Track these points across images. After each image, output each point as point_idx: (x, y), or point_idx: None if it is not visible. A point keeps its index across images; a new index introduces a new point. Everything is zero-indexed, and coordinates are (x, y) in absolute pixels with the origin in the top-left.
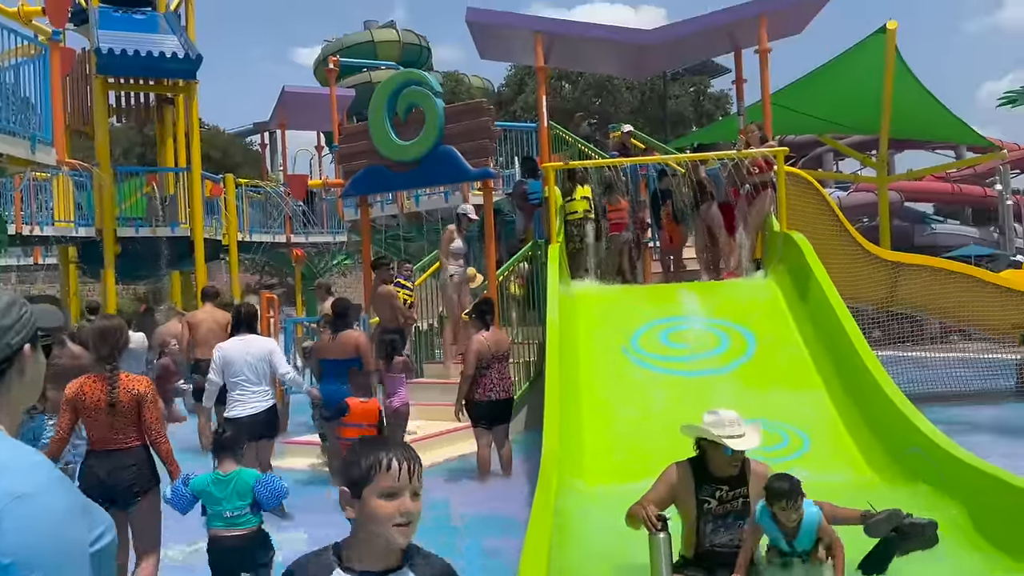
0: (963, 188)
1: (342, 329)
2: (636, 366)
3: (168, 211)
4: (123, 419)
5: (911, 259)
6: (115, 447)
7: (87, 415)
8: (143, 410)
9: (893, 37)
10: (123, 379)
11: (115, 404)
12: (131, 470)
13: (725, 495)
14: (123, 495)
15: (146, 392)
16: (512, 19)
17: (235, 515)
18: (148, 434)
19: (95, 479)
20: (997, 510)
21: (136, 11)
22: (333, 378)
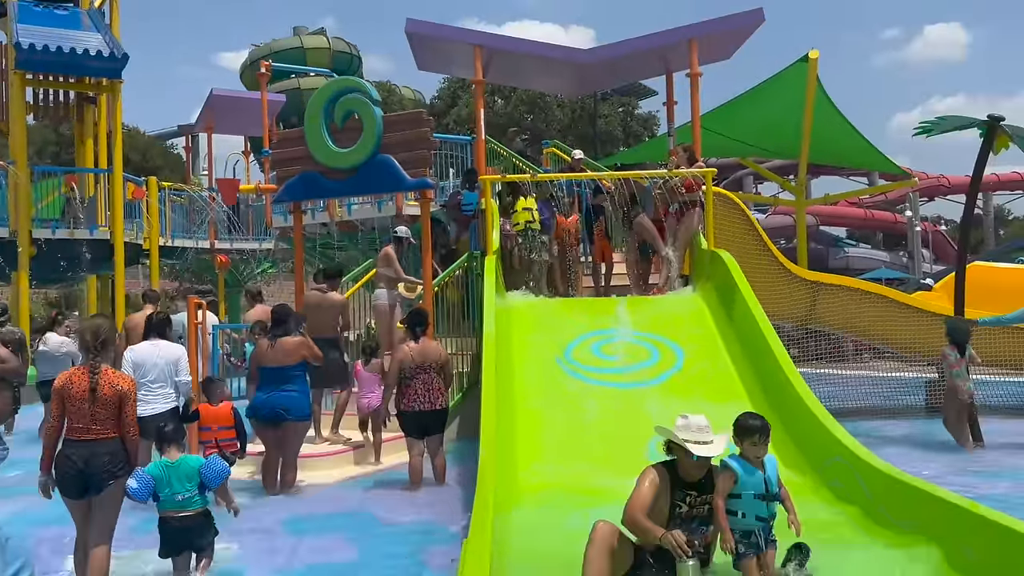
0: (875, 214)
1: (281, 336)
2: (570, 377)
3: (87, 213)
4: (104, 411)
5: (830, 279)
6: (94, 436)
7: (72, 404)
8: (124, 406)
9: (815, 66)
10: (109, 374)
11: (96, 391)
12: (106, 458)
13: (694, 500)
14: (97, 481)
15: (128, 390)
16: (452, 32)
17: (186, 498)
18: (125, 429)
19: (73, 466)
20: (907, 512)
21: (58, 6)
22: (271, 385)
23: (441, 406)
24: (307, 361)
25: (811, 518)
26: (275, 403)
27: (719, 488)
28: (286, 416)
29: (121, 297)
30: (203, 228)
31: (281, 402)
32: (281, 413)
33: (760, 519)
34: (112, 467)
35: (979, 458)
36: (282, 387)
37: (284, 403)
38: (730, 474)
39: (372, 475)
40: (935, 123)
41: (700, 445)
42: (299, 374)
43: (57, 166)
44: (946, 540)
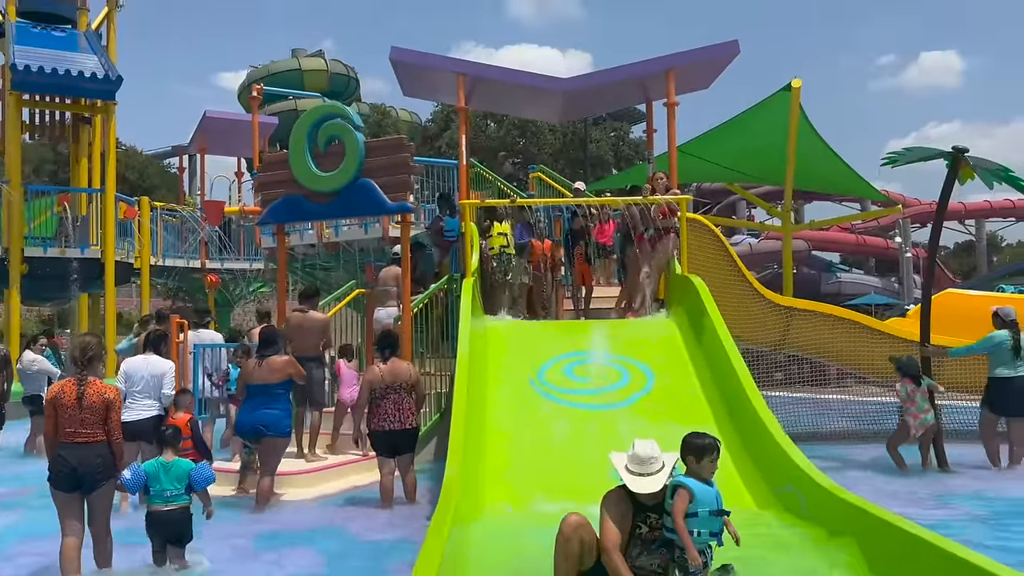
0: (867, 239)
1: (269, 355)
2: (542, 398)
3: (79, 232)
4: (91, 416)
5: (802, 304)
6: (83, 440)
7: (62, 411)
8: (110, 412)
9: (797, 95)
10: (96, 384)
11: (82, 399)
12: (97, 460)
13: (655, 522)
14: (89, 481)
15: (114, 399)
16: (435, 60)
17: (173, 495)
18: (110, 433)
19: (66, 466)
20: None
21: (56, 28)
22: (257, 402)
23: (411, 425)
24: (292, 379)
25: (755, 533)
26: (256, 420)
27: (677, 508)
28: (266, 432)
29: (111, 315)
30: (194, 248)
31: (262, 419)
32: (261, 429)
33: (713, 534)
34: (103, 468)
35: (942, 482)
36: (266, 404)
37: (265, 420)
38: (686, 493)
39: (343, 493)
40: (901, 154)
41: (639, 478)
42: (283, 392)
43: (53, 185)
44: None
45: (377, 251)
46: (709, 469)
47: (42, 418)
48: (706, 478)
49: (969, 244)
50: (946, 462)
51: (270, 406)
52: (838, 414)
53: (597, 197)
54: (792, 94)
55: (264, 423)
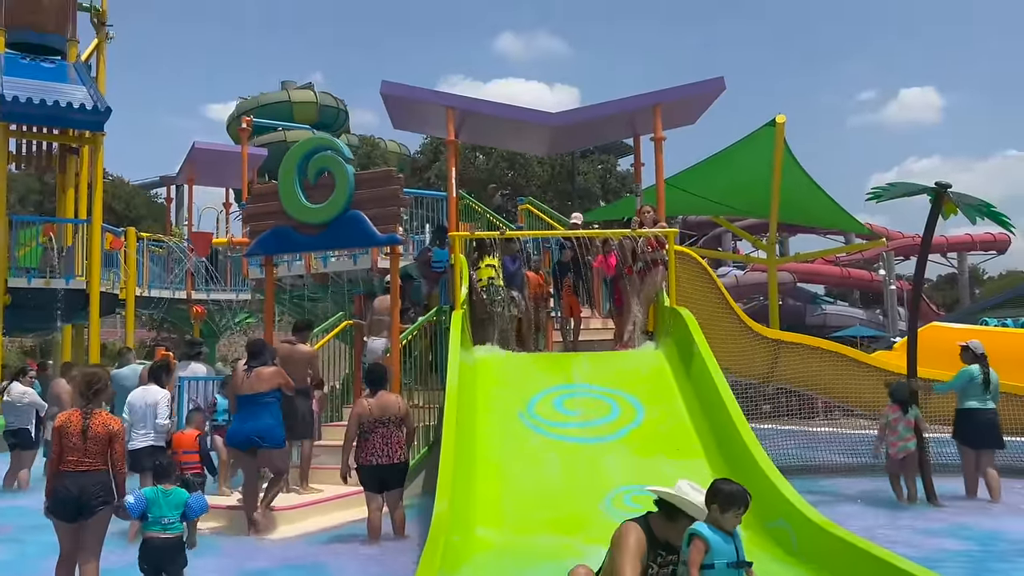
0: (851, 272)
1: (257, 366)
2: (531, 431)
3: (65, 263)
4: (95, 447)
5: (790, 337)
6: (86, 468)
7: (67, 440)
8: (114, 443)
9: (782, 130)
10: (102, 416)
11: (87, 431)
12: (97, 487)
13: (664, 559)
14: (88, 507)
15: (118, 430)
16: (425, 95)
17: (170, 522)
18: (114, 463)
19: (68, 493)
20: (848, 571)
21: (45, 59)
22: (248, 412)
23: (400, 460)
24: (281, 390)
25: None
26: (250, 431)
27: (692, 559)
28: (261, 443)
29: (95, 346)
30: (180, 279)
31: (256, 430)
32: (256, 440)
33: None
34: (102, 496)
35: (932, 516)
36: (257, 415)
37: (259, 431)
38: (702, 544)
39: (331, 529)
40: (885, 189)
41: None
42: (273, 402)
43: (39, 215)
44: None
45: (366, 282)
46: (732, 522)
47: (24, 452)
48: (727, 530)
49: (952, 277)
50: (935, 496)
51: (261, 416)
52: (827, 447)
53: (585, 229)
54: (776, 129)
55: (259, 434)
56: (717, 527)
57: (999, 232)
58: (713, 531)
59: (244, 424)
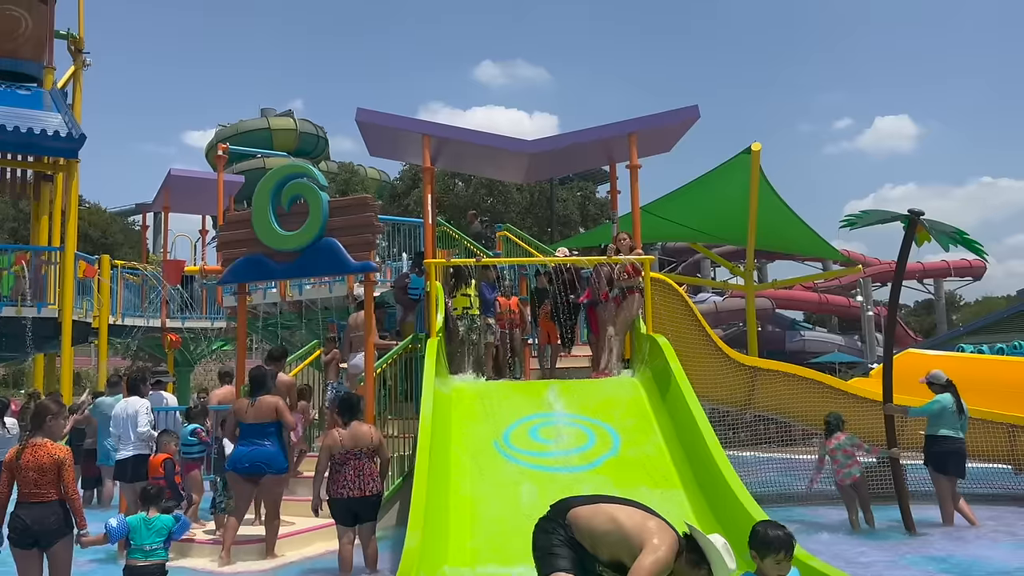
0: (829, 298)
1: (260, 394)
2: (507, 461)
3: (34, 290)
4: (43, 477)
5: (767, 364)
6: (37, 499)
7: (17, 473)
8: (62, 472)
9: (757, 158)
10: (47, 447)
11: (24, 461)
12: (51, 518)
13: None
14: (45, 537)
15: (64, 458)
16: (400, 122)
17: (152, 549)
18: (65, 490)
19: (23, 524)
20: None
21: (21, 87)
22: (250, 440)
23: (372, 492)
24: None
25: None
26: (255, 457)
27: None
28: (266, 470)
29: (68, 375)
30: (155, 307)
31: (260, 457)
32: (261, 467)
33: None
34: (58, 526)
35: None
36: (260, 442)
37: (263, 458)
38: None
39: (302, 562)
40: (859, 216)
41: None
42: (275, 430)
43: (15, 242)
44: None
45: (340, 309)
46: (775, 571)
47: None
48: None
49: (929, 303)
50: (912, 524)
51: (264, 444)
52: (806, 474)
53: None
54: (752, 157)
55: (263, 461)
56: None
57: (974, 259)
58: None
59: (250, 451)
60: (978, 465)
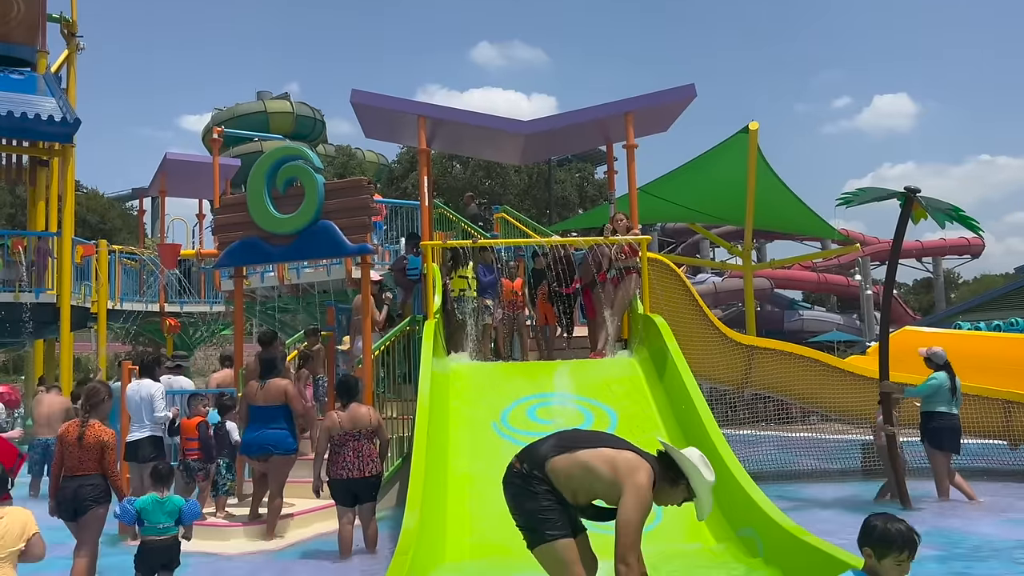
0: (828, 277)
1: (270, 378)
2: (505, 441)
3: (33, 277)
4: (88, 454)
5: (763, 343)
6: (80, 473)
7: (65, 448)
8: (105, 452)
9: (755, 137)
10: (95, 428)
11: (82, 439)
12: (89, 488)
13: None
14: (83, 507)
15: (108, 441)
16: (395, 103)
17: (164, 527)
18: (106, 470)
19: (64, 496)
20: None
21: (14, 71)
22: (259, 422)
23: (371, 473)
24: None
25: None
26: (263, 440)
27: None
28: (273, 451)
29: (67, 360)
30: (154, 291)
31: (269, 439)
32: (269, 448)
33: None
34: (93, 497)
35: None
36: (269, 424)
37: (271, 439)
38: None
39: (302, 543)
40: (855, 194)
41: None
42: (284, 413)
43: (11, 228)
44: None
45: (339, 293)
46: (895, 572)
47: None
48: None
49: (927, 281)
50: (908, 500)
51: (273, 426)
52: (804, 452)
53: (563, 238)
54: (750, 136)
55: (271, 442)
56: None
57: (973, 237)
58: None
59: (258, 434)
60: (974, 441)
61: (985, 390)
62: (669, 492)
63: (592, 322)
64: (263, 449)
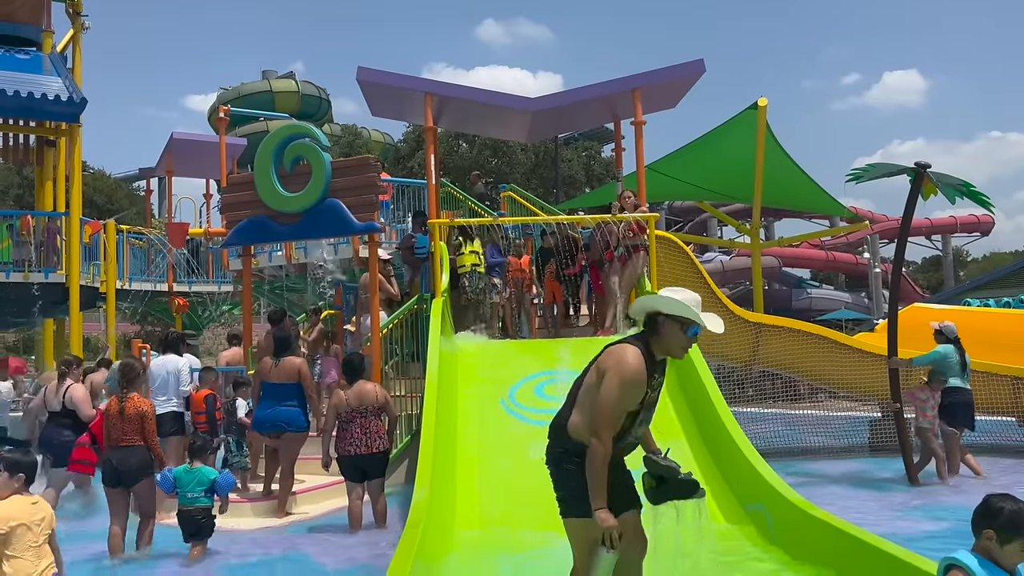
0: (836, 256)
1: (284, 355)
2: (512, 418)
3: (41, 256)
4: (130, 426)
5: (771, 320)
6: (124, 444)
7: (109, 422)
8: (145, 422)
9: (764, 113)
10: (134, 400)
11: (123, 412)
12: (133, 460)
13: (656, 382)
14: (127, 476)
15: (148, 412)
16: (402, 80)
17: (196, 496)
18: (147, 439)
19: (110, 466)
20: (825, 550)
21: (20, 51)
22: (273, 400)
23: (379, 449)
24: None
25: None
26: (276, 417)
27: None
28: (286, 428)
29: (77, 340)
30: (162, 271)
31: (281, 416)
32: (282, 425)
33: None
34: (139, 468)
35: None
36: (282, 402)
37: (284, 417)
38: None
39: (313, 519)
40: (865, 170)
41: (709, 316)
42: (297, 391)
43: (20, 209)
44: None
45: (347, 272)
46: (1016, 558)
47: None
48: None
49: (936, 259)
50: (916, 477)
51: (286, 403)
52: (812, 429)
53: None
54: (759, 112)
55: (284, 420)
56: (989, 559)
57: (983, 214)
58: (984, 565)
59: (271, 411)
60: (983, 418)
61: (994, 366)
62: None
63: (600, 299)
64: (276, 426)
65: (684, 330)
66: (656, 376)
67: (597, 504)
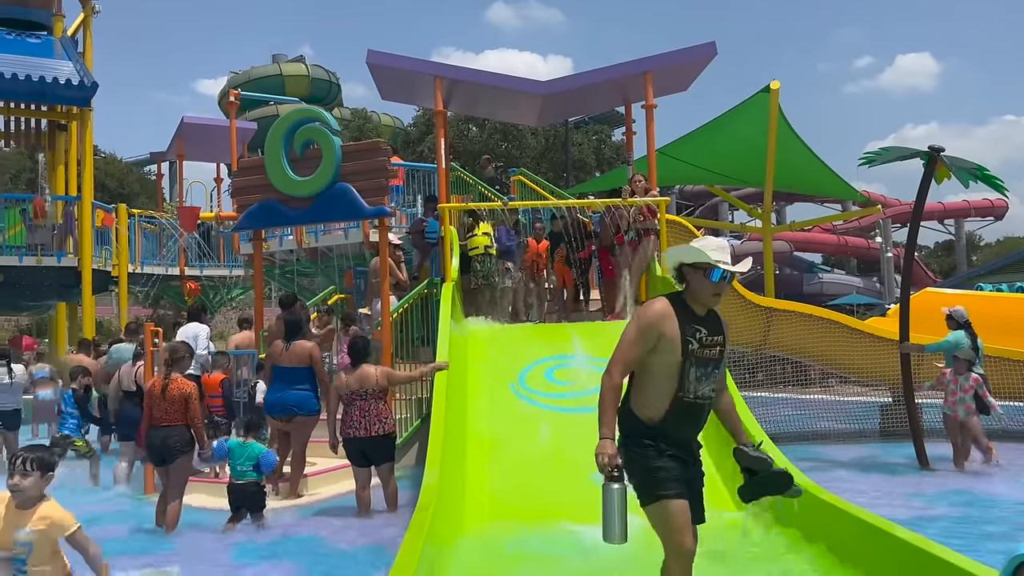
0: (848, 240)
1: (296, 339)
2: (522, 403)
3: (56, 240)
4: (173, 406)
5: (782, 305)
6: (166, 423)
7: (151, 400)
8: (188, 402)
9: (776, 97)
10: (177, 381)
11: (165, 392)
12: (174, 438)
13: (705, 338)
14: (169, 454)
15: (191, 392)
16: (412, 63)
17: (244, 470)
18: (190, 420)
19: (153, 444)
20: (835, 535)
21: (31, 35)
22: (283, 383)
23: (378, 432)
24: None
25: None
26: (287, 400)
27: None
28: (297, 412)
29: (89, 324)
30: (174, 255)
31: (292, 399)
32: (293, 409)
33: None
34: (179, 446)
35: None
36: (293, 385)
37: (295, 400)
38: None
39: (323, 501)
40: (878, 153)
41: (727, 265)
42: (307, 374)
43: (31, 193)
44: (848, 552)
45: (358, 256)
46: None
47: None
48: None
49: (949, 244)
50: (926, 461)
51: (297, 387)
52: (822, 414)
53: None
54: (771, 96)
55: (295, 403)
56: None
57: (996, 198)
58: None
59: (282, 394)
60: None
61: (1005, 351)
62: (695, 291)
63: (610, 284)
64: (287, 410)
65: (707, 276)
66: (699, 329)
67: (603, 433)
